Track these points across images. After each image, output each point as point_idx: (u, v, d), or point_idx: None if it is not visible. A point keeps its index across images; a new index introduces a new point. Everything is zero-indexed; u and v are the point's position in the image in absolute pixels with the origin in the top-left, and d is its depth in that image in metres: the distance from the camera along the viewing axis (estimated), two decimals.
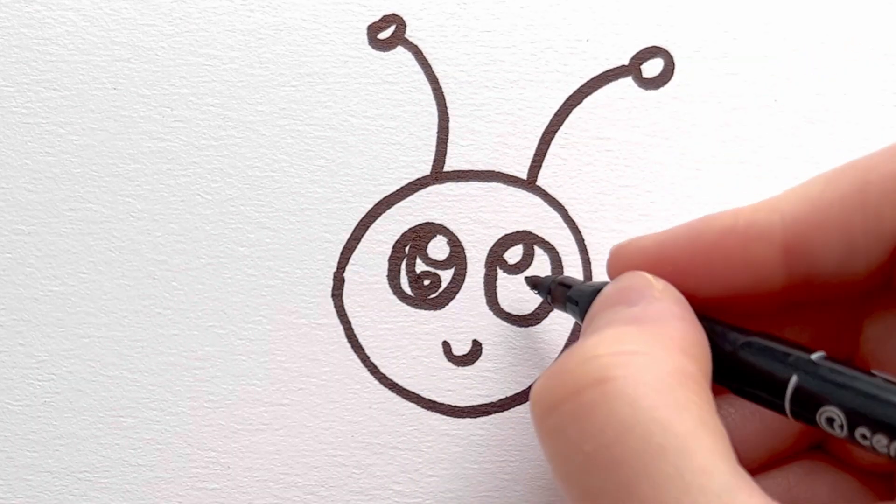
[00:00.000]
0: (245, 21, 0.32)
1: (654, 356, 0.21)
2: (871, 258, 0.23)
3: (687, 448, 0.19)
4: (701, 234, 0.24)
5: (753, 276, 0.24)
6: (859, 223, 0.22)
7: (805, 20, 0.32)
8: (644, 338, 0.22)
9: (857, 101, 0.32)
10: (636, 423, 0.20)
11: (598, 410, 0.20)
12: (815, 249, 0.23)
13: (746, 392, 0.23)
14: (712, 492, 0.19)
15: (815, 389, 0.21)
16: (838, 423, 0.21)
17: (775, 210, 0.23)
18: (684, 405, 0.20)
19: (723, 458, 0.20)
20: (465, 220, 0.32)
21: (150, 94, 0.31)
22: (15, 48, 0.31)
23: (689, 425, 0.20)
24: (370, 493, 0.31)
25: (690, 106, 0.32)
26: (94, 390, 0.31)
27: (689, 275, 0.24)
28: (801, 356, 0.22)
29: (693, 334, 0.22)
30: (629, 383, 0.20)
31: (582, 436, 0.20)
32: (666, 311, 0.23)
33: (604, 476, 0.20)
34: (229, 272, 0.31)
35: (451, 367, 0.31)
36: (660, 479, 0.19)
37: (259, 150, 0.32)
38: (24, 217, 0.31)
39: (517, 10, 0.32)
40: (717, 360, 0.23)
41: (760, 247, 0.23)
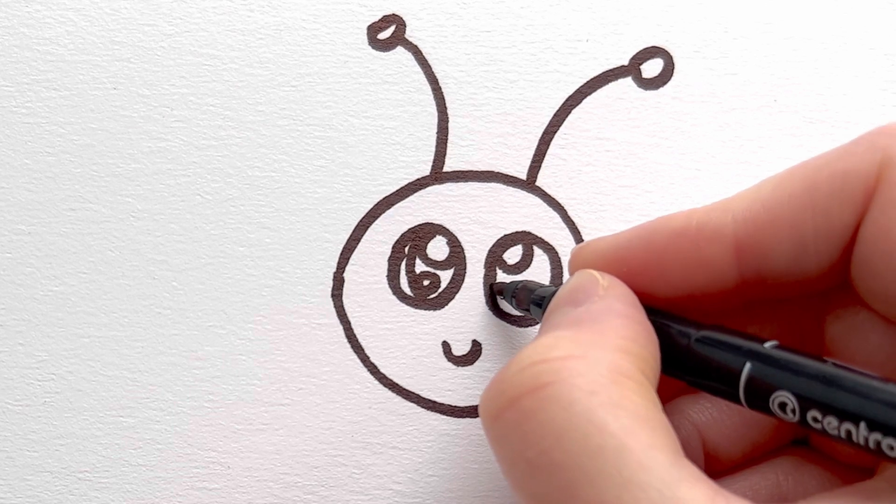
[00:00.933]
0: (245, 21, 0.32)
1: (589, 358, 0.21)
2: (822, 257, 0.23)
3: (624, 446, 0.20)
4: (655, 234, 0.24)
5: (707, 276, 0.24)
6: (809, 222, 0.23)
7: (805, 20, 0.32)
8: (579, 341, 0.22)
9: (857, 101, 0.32)
10: (572, 426, 0.20)
11: (535, 417, 0.21)
12: (767, 248, 0.23)
13: (703, 385, 0.23)
14: (651, 486, 0.19)
15: (767, 376, 0.21)
16: (790, 407, 0.21)
17: (727, 210, 0.24)
18: (619, 403, 0.20)
19: (661, 451, 0.20)
20: (464, 221, 0.32)
21: (150, 94, 0.31)
22: (15, 48, 0.31)
23: (625, 422, 0.20)
24: (370, 493, 0.31)
25: (690, 106, 0.32)
26: (94, 390, 0.31)
27: (645, 275, 0.24)
28: (753, 346, 0.22)
29: (634, 330, 0.23)
30: (563, 388, 0.21)
31: (523, 442, 0.21)
32: (607, 308, 0.23)
33: (546, 480, 0.20)
34: (229, 272, 0.31)
35: (450, 367, 0.31)
36: (599, 479, 0.20)
37: (259, 150, 0.32)
38: (24, 217, 0.31)
39: (517, 10, 0.32)
40: (674, 354, 0.23)
41: (712, 247, 0.24)
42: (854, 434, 0.20)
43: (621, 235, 0.25)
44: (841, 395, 0.20)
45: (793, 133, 0.32)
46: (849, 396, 0.20)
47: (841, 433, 0.20)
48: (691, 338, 0.23)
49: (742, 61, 0.32)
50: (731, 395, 0.22)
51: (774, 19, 0.32)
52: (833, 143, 0.32)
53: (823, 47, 0.32)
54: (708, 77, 0.32)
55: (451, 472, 0.31)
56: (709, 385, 0.23)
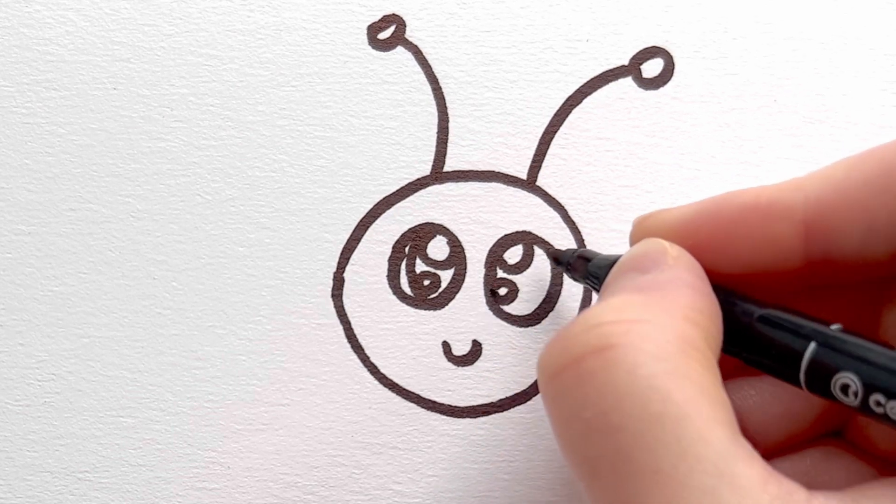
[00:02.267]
0: (245, 21, 0.32)
1: (657, 324, 0.21)
2: (891, 242, 0.23)
3: (685, 415, 0.19)
4: (723, 208, 0.24)
5: (773, 254, 0.24)
6: (881, 206, 0.22)
7: (805, 20, 0.32)
8: (648, 306, 0.22)
9: (857, 101, 0.32)
10: (634, 390, 0.20)
11: (597, 377, 0.21)
12: (837, 230, 0.23)
13: (763, 364, 0.23)
14: (708, 459, 0.19)
15: (831, 358, 0.21)
16: (853, 389, 0.21)
17: (799, 189, 0.23)
18: (684, 373, 0.20)
19: (722, 426, 0.20)
20: (464, 221, 0.32)
21: (150, 94, 0.31)
22: (15, 48, 0.31)
23: (689, 393, 0.20)
24: (370, 493, 0.31)
25: (690, 106, 0.32)
26: (94, 390, 0.31)
27: (710, 249, 0.24)
28: (818, 327, 0.22)
29: (701, 303, 0.22)
30: (629, 351, 0.20)
31: (582, 402, 0.21)
32: (676, 278, 0.23)
33: (602, 442, 0.20)
34: (229, 272, 0.31)
35: (450, 367, 0.31)
36: (657, 445, 0.19)
37: (259, 150, 0.32)
38: (24, 217, 0.31)
39: (517, 10, 0.32)
40: (734, 331, 0.23)
41: (781, 224, 0.23)
42: None
43: (687, 208, 0.25)
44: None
45: (793, 133, 0.32)
46: None
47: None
48: (753, 315, 0.23)
49: (742, 61, 0.32)
50: (791, 376, 0.22)
51: (774, 19, 0.32)
52: (833, 143, 0.32)
53: (823, 47, 0.32)
54: (708, 77, 0.32)
55: (451, 472, 0.31)
56: (768, 364, 0.23)
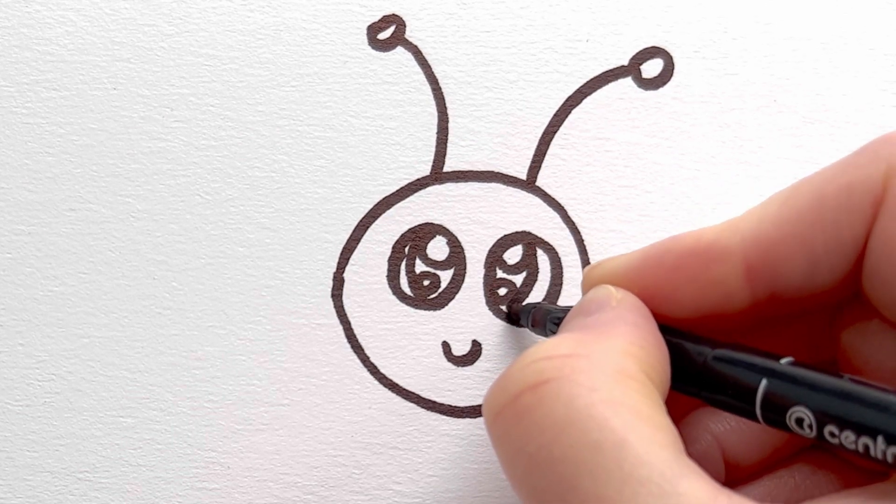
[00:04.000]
0: (245, 21, 0.32)
1: (592, 358, 0.21)
2: (834, 270, 0.23)
3: (624, 441, 0.20)
4: (666, 254, 0.24)
5: (719, 296, 0.24)
6: (819, 237, 0.23)
7: (805, 20, 0.32)
8: (584, 342, 0.22)
9: (857, 101, 0.32)
10: (572, 421, 0.20)
11: (535, 412, 0.21)
12: (778, 266, 0.23)
13: (720, 402, 0.23)
14: (652, 481, 0.19)
15: (784, 392, 0.21)
16: (807, 422, 0.21)
17: (735, 230, 0.24)
18: (620, 401, 0.20)
19: (663, 448, 0.20)
20: (464, 221, 0.32)
21: (150, 94, 0.31)
22: (15, 48, 0.31)
23: (626, 419, 0.20)
24: (370, 493, 0.31)
25: (690, 106, 0.32)
26: (94, 390, 0.31)
27: (657, 295, 0.24)
28: (769, 363, 0.22)
29: (640, 337, 0.23)
30: (564, 384, 0.21)
31: (524, 438, 0.21)
32: (616, 317, 0.23)
33: (546, 474, 0.20)
34: (229, 272, 0.31)
35: (450, 368, 0.31)
36: (599, 473, 0.20)
37: (259, 150, 0.32)
38: (24, 217, 0.31)
39: (517, 10, 0.32)
40: (690, 372, 0.23)
41: (722, 266, 0.24)
42: (872, 448, 0.20)
43: (632, 255, 0.25)
44: (858, 409, 0.20)
45: (793, 133, 0.32)
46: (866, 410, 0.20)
47: (858, 447, 0.20)
48: (707, 356, 0.23)
49: (742, 61, 0.32)
50: (748, 412, 0.22)
51: (774, 19, 0.32)
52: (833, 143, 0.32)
53: (823, 47, 0.32)
54: (708, 77, 0.32)
55: (451, 472, 0.31)
56: (725, 402, 0.23)
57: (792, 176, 0.32)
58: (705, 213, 0.32)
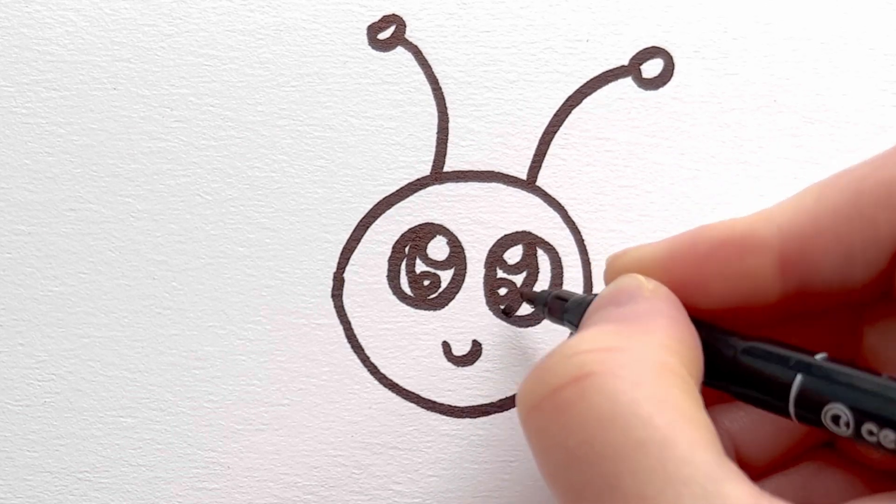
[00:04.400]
0: (245, 21, 0.32)
1: (634, 352, 0.21)
2: (868, 267, 0.23)
3: (668, 439, 0.19)
4: (697, 244, 0.24)
5: (750, 287, 0.24)
6: (855, 233, 0.22)
7: (805, 20, 0.32)
8: (625, 334, 0.22)
9: (857, 101, 0.32)
10: (616, 417, 0.20)
11: (577, 406, 0.21)
12: (812, 260, 0.23)
13: (750, 397, 0.23)
14: (695, 482, 0.19)
15: (820, 389, 0.21)
16: (844, 420, 0.20)
17: (771, 221, 0.23)
18: (664, 398, 0.20)
19: (706, 449, 0.20)
20: (464, 221, 0.32)
21: (150, 94, 0.31)
22: (15, 48, 0.31)
23: (670, 417, 0.20)
24: (370, 493, 0.31)
25: (690, 106, 0.32)
26: (94, 390, 0.31)
27: (686, 285, 0.24)
28: (804, 358, 0.22)
29: (679, 331, 0.22)
30: (607, 379, 0.20)
31: (563, 432, 0.21)
32: (652, 309, 0.23)
33: (586, 471, 0.20)
34: (229, 272, 0.31)
35: (450, 368, 0.31)
36: (641, 471, 0.19)
37: (259, 150, 0.32)
38: (24, 217, 0.31)
39: (517, 10, 0.32)
40: (718, 365, 0.23)
41: (756, 258, 0.23)
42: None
43: (661, 244, 0.25)
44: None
45: (793, 133, 0.32)
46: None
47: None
48: (738, 349, 0.23)
49: (742, 61, 0.32)
50: (779, 408, 0.22)
51: (774, 19, 0.32)
52: (833, 143, 0.32)
53: (823, 47, 0.32)
54: (708, 77, 0.32)
55: (451, 472, 0.31)
56: (755, 396, 0.23)
57: (792, 176, 0.32)
58: (705, 213, 0.32)
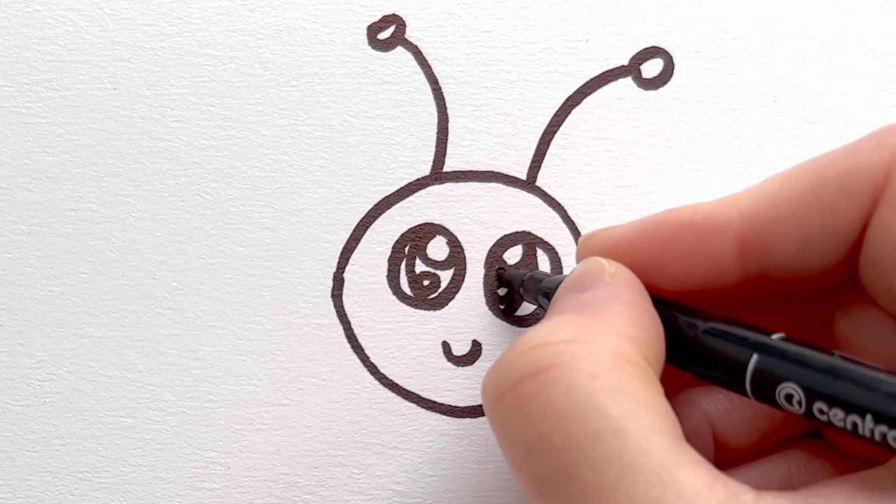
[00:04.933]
0: (245, 21, 0.32)
1: (590, 343, 0.21)
2: (827, 254, 0.23)
3: (623, 429, 0.20)
4: (661, 226, 0.24)
5: (711, 270, 0.24)
6: (815, 219, 0.23)
7: (805, 20, 0.32)
8: (582, 325, 0.22)
9: (857, 101, 0.32)
10: (572, 409, 0.20)
11: (535, 400, 0.21)
12: (771, 245, 0.23)
13: (709, 375, 0.23)
14: (650, 470, 0.19)
15: (774, 368, 0.21)
16: (797, 398, 0.21)
17: (733, 206, 0.24)
18: (619, 388, 0.20)
19: (661, 436, 0.20)
20: (464, 221, 0.32)
21: (150, 94, 0.31)
22: (15, 48, 0.31)
23: (625, 406, 0.20)
24: (370, 493, 0.31)
25: (690, 106, 0.32)
26: (94, 390, 0.31)
27: (650, 267, 0.24)
28: (760, 338, 0.22)
29: (637, 317, 0.23)
30: (564, 371, 0.21)
31: (523, 425, 0.21)
32: (612, 295, 0.23)
33: (546, 462, 0.21)
34: (229, 272, 0.31)
35: (450, 367, 0.31)
36: (598, 462, 0.20)
37: (259, 150, 0.32)
38: (24, 217, 0.31)
39: (517, 10, 0.32)
40: (681, 345, 0.23)
41: (717, 241, 0.24)
42: (860, 426, 0.20)
43: (629, 226, 0.25)
44: (847, 387, 0.20)
45: (793, 133, 0.32)
46: (855, 388, 0.20)
47: (847, 425, 0.20)
48: (698, 329, 0.23)
49: (742, 61, 0.32)
50: (738, 387, 0.22)
51: (774, 19, 0.32)
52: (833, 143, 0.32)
53: (823, 47, 0.32)
54: (708, 77, 0.32)
55: (451, 472, 0.31)
56: (715, 376, 0.23)
57: None
58: None
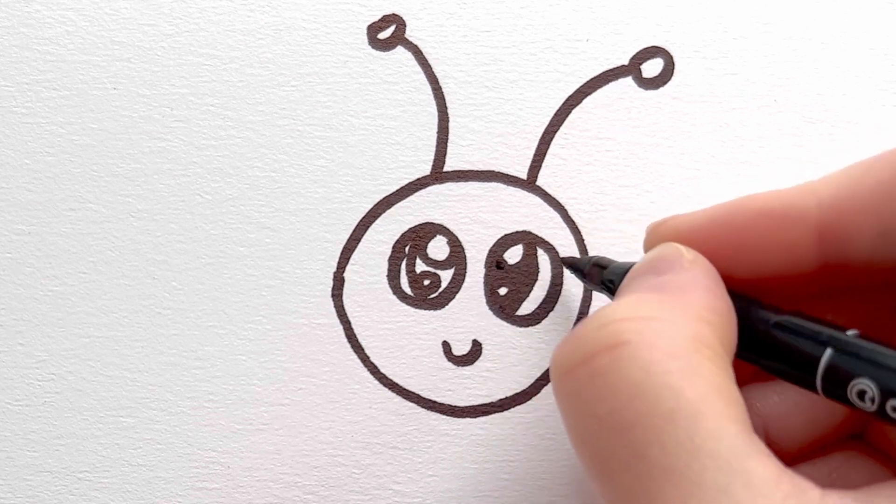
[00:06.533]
0: (245, 21, 0.32)
1: (671, 322, 0.21)
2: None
3: (697, 412, 0.19)
4: (737, 214, 0.24)
5: (788, 259, 0.24)
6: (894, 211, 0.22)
7: (805, 20, 0.32)
8: (662, 304, 0.22)
9: (857, 101, 0.32)
10: (648, 386, 0.20)
11: (611, 374, 0.21)
12: (850, 234, 0.23)
13: (779, 370, 0.23)
14: (721, 456, 0.19)
15: (848, 364, 0.21)
16: (870, 395, 0.21)
17: (812, 193, 0.23)
18: (697, 371, 0.20)
19: (734, 423, 0.20)
20: (464, 220, 0.32)
21: (150, 94, 0.31)
22: (15, 48, 0.31)
23: (701, 390, 0.20)
24: (370, 493, 0.31)
25: (690, 106, 0.32)
26: (94, 390, 0.31)
27: (724, 255, 0.24)
28: (835, 334, 0.22)
29: (716, 304, 0.22)
30: (642, 348, 0.20)
31: (595, 399, 0.21)
32: (691, 279, 0.23)
33: (615, 439, 0.20)
34: (229, 272, 0.31)
35: (451, 367, 0.31)
36: (669, 442, 0.19)
37: (259, 150, 0.32)
38: (24, 217, 0.31)
39: (517, 10, 0.32)
40: (751, 337, 0.23)
41: (795, 229, 0.23)
42: None
43: (701, 213, 0.25)
44: None
45: (793, 133, 0.32)
46: None
47: None
48: (770, 322, 0.23)
49: (742, 61, 0.32)
50: (807, 382, 0.22)
51: (774, 19, 0.32)
52: (833, 143, 0.32)
53: (823, 47, 0.32)
54: (708, 77, 0.32)
55: (451, 472, 0.31)
56: (785, 370, 0.23)
57: (792, 176, 0.32)
58: None
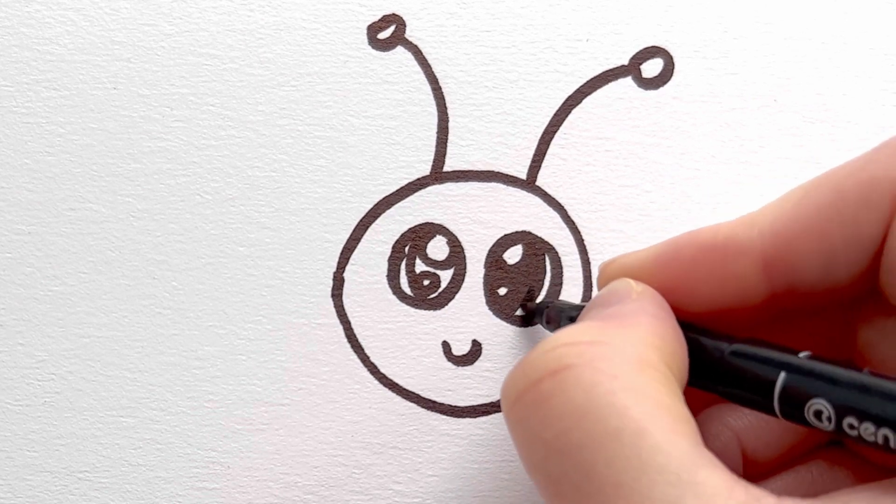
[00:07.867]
0: (245, 21, 0.32)
1: (614, 346, 0.21)
2: (851, 266, 0.23)
3: (643, 429, 0.20)
4: (682, 249, 0.24)
5: (736, 290, 0.24)
6: (837, 232, 0.23)
7: (805, 20, 0.32)
8: (605, 329, 0.22)
9: (857, 101, 0.32)
10: (592, 408, 0.20)
11: (555, 398, 0.21)
12: (795, 261, 0.23)
13: (737, 396, 0.23)
14: (670, 470, 0.19)
15: (802, 386, 0.21)
16: (826, 415, 0.21)
17: (753, 225, 0.24)
18: (641, 390, 0.20)
19: (682, 437, 0.20)
20: (464, 221, 0.32)
21: (150, 94, 0.31)
22: (15, 48, 0.31)
23: (646, 407, 0.20)
24: (370, 493, 0.31)
25: (690, 106, 0.32)
26: (94, 390, 0.31)
27: (673, 290, 0.24)
28: (787, 357, 0.22)
29: (662, 329, 0.23)
30: (585, 371, 0.21)
31: (542, 424, 0.21)
32: (638, 308, 0.23)
33: (564, 461, 0.20)
34: (229, 272, 0.31)
35: (450, 367, 0.31)
36: (617, 460, 0.20)
37: (259, 150, 0.32)
38: (24, 217, 0.31)
39: (517, 10, 0.32)
40: (707, 367, 0.23)
41: (739, 261, 0.24)
42: (891, 440, 0.20)
43: (648, 251, 0.25)
44: (877, 401, 0.20)
45: (793, 133, 0.32)
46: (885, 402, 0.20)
47: (878, 439, 0.20)
48: (724, 351, 0.23)
49: (742, 61, 0.32)
50: (766, 406, 0.22)
51: (774, 19, 0.32)
52: (833, 143, 0.32)
53: (823, 47, 0.32)
54: (708, 77, 0.32)
55: (451, 472, 0.31)
56: (742, 396, 0.23)
57: (792, 176, 0.32)
58: (705, 213, 0.32)
